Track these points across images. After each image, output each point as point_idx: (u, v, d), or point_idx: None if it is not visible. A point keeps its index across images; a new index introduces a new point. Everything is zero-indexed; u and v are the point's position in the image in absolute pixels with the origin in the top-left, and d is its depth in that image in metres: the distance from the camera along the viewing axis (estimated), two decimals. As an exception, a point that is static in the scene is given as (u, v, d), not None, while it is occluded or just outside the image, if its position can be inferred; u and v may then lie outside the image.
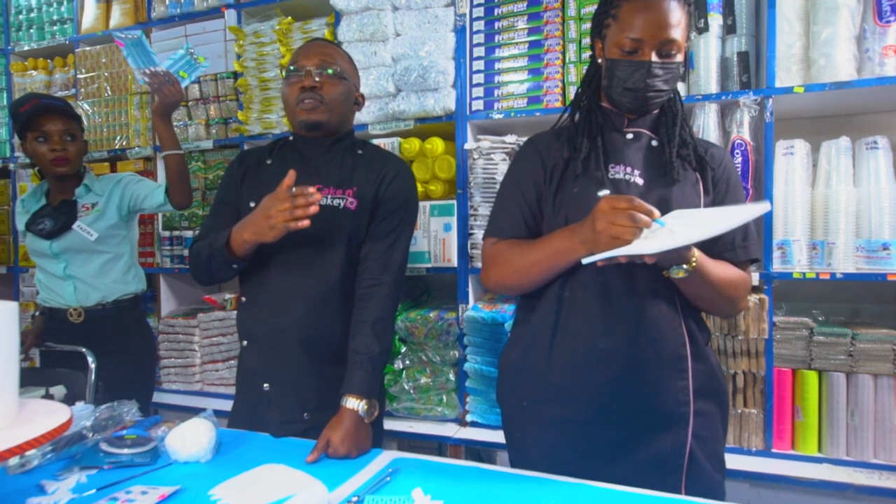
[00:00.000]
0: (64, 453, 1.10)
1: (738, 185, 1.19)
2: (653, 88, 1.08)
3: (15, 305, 0.86)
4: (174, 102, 1.82)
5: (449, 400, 1.97)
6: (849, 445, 1.61)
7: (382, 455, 1.17)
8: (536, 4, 1.91)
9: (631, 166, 1.14)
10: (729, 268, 1.12)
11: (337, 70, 1.35)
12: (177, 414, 2.22)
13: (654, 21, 1.05)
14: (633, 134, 1.16)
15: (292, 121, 1.37)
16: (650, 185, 1.12)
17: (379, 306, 1.29)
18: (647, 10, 1.05)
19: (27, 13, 2.85)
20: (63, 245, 1.84)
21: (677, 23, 1.05)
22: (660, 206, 1.02)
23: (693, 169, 1.15)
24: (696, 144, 1.17)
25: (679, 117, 1.16)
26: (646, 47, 1.06)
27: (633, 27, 1.06)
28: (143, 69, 1.82)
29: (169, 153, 1.84)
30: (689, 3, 1.11)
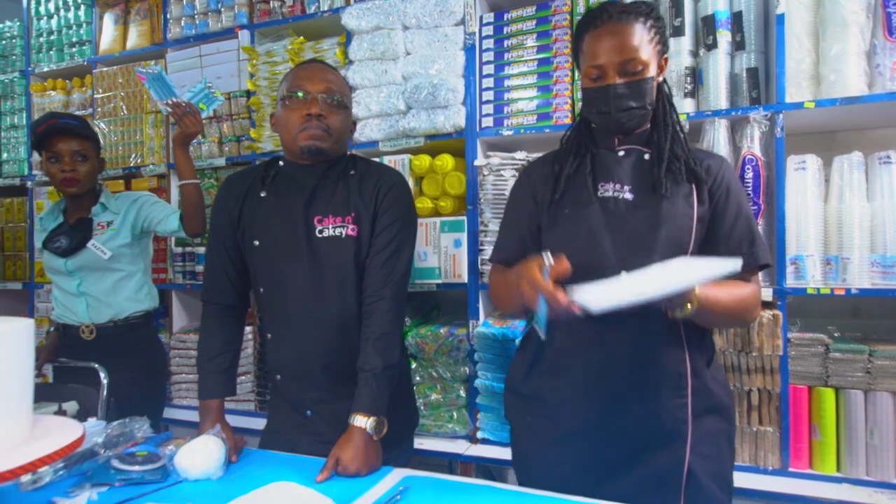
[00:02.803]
0: (75, 470, 1.11)
1: (738, 193, 1.17)
2: (621, 108, 1.11)
3: (31, 323, 0.87)
4: (194, 133, 1.89)
5: (459, 416, 1.96)
6: (868, 465, 1.57)
7: (393, 473, 1.16)
8: (545, 23, 1.93)
9: (621, 183, 1.16)
10: (736, 287, 1.11)
11: (341, 99, 1.34)
12: (187, 430, 2.22)
13: (611, 46, 1.10)
14: (624, 151, 1.18)
15: (289, 145, 1.33)
16: (640, 201, 1.13)
17: (380, 321, 1.27)
18: (604, 38, 1.11)
19: (47, 36, 2.93)
20: (77, 263, 1.86)
21: (637, 42, 1.09)
22: (649, 222, 1.11)
23: (686, 181, 1.15)
24: (690, 157, 1.16)
25: (670, 131, 1.16)
26: (608, 71, 1.11)
27: (594, 55, 1.12)
28: (166, 100, 1.89)
29: (186, 182, 1.88)
30: (653, 17, 1.12)
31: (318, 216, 1.32)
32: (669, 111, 1.18)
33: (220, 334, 1.39)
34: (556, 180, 1.20)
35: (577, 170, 1.19)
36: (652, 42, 1.12)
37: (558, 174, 1.20)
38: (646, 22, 1.11)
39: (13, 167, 3.02)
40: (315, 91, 1.30)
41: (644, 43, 1.10)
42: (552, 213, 1.19)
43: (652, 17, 1.12)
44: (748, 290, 1.13)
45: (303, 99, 1.30)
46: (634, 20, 1.10)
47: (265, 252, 1.35)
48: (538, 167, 1.28)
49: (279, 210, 1.34)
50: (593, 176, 1.17)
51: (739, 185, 1.19)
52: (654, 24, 1.12)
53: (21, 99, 2.99)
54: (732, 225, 1.13)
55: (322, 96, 1.30)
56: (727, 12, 1.74)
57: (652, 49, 1.12)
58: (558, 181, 1.19)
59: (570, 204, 1.17)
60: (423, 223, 1.98)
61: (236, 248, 1.39)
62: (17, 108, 3.01)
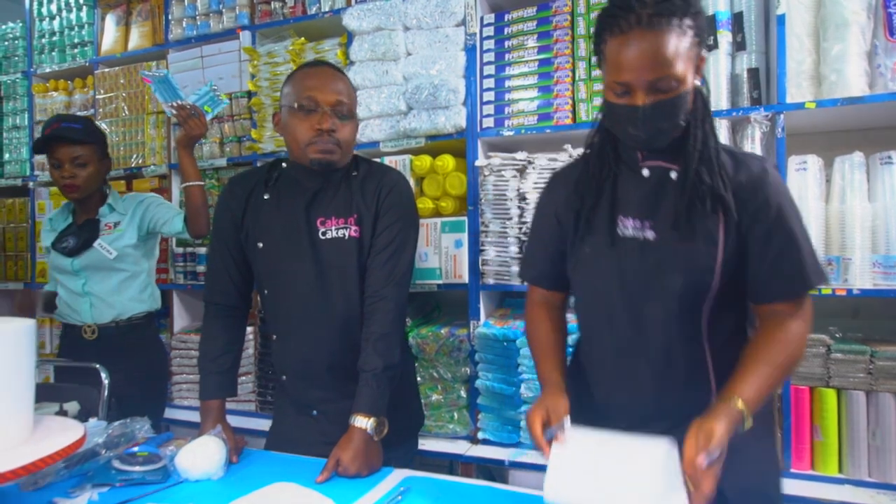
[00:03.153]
0: (76, 470, 1.11)
1: (780, 210, 0.98)
2: (651, 130, 0.97)
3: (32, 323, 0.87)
4: (198, 135, 1.89)
5: (460, 417, 1.95)
6: (871, 466, 1.57)
7: (393, 474, 1.16)
8: (546, 23, 1.93)
9: (641, 218, 1.03)
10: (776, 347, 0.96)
11: (351, 109, 1.33)
12: (188, 430, 2.22)
13: (639, 61, 0.92)
14: (649, 170, 1.04)
15: (297, 154, 1.31)
16: (661, 240, 1.02)
17: (381, 322, 1.27)
18: (631, 48, 0.92)
19: (49, 37, 2.93)
20: (83, 262, 1.87)
21: (671, 55, 0.91)
22: (669, 268, 1.00)
23: (712, 210, 0.99)
24: (720, 177, 0.99)
25: (699, 146, 1.00)
26: (636, 90, 0.94)
27: (618, 69, 0.95)
28: (171, 103, 1.90)
29: (190, 184, 1.89)
30: (691, 13, 0.93)
31: (320, 218, 1.32)
32: (703, 119, 1.01)
33: (221, 335, 1.39)
34: (577, 217, 1.10)
35: (597, 201, 1.08)
36: (689, 47, 0.94)
37: (578, 211, 1.09)
38: (682, 22, 0.92)
39: (15, 168, 3.02)
40: (326, 104, 1.28)
41: (680, 52, 0.92)
42: (573, 250, 1.11)
43: (690, 14, 0.93)
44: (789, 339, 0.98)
45: (314, 111, 1.28)
46: (668, 24, 0.91)
47: (269, 254, 1.35)
48: (561, 184, 1.17)
49: (282, 212, 1.34)
50: (614, 208, 1.06)
51: (783, 195, 1.00)
52: (692, 22, 0.93)
53: (23, 100, 3.00)
54: (776, 253, 0.98)
55: (332, 110, 1.28)
56: (728, 13, 1.74)
57: (689, 56, 0.94)
58: (579, 218, 1.09)
59: (591, 242, 1.08)
60: (423, 223, 1.98)
61: (239, 248, 1.39)
62: (20, 109, 3.01)
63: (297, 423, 1.39)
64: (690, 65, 0.96)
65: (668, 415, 1.03)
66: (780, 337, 0.98)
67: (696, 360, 1.03)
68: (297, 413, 1.39)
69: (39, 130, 2.91)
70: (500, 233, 1.91)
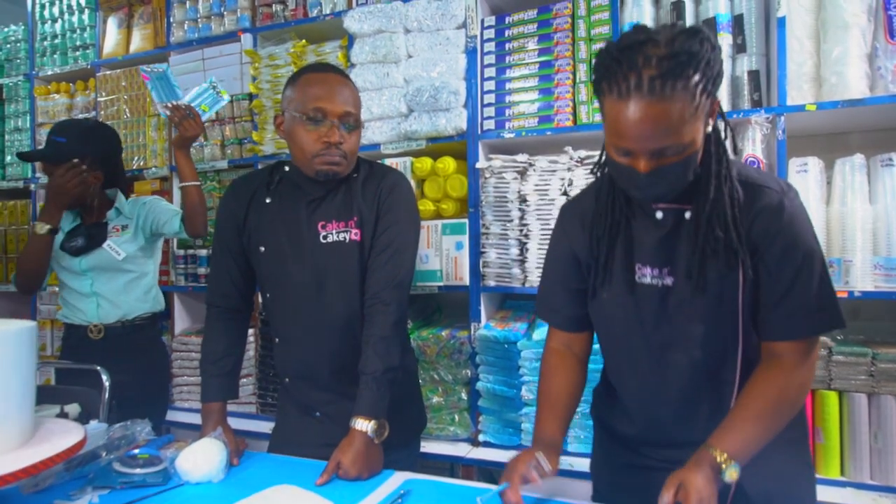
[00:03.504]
0: (77, 472, 1.11)
1: (794, 248, 0.91)
2: (658, 193, 0.91)
3: (33, 325, 0.87)
4: (193, 136, 1.89)
5: (461, 419, 1.95)
6: (873, 468, 1.57)
7: (394, 476, 1.16)
8: (547, 26, 1.93)
9: (659, 266, 0.98)
10: (771, 395, 0.91)
11: (358, 119, 1.32)
12: (189, 432, 2.22)
13: (640, 131, 0.83)
14: (663, 212, 0.97)
15: (302, 163, 1.30)
16: (681, 286, 0.96)
17: (381, 324, 1.26)
18: (631, 117, 0.82)
19: (51, 39, 2.94)
20: (91, 262, 1.88)
21: (677, 123, 0.82)
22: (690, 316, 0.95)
23: (725, 253, 0.93)
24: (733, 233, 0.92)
25: (712, 193, 0.92)
26: (639, 157, 0.86)
27: (618, 133, 0.85)
28: (166, 103, 1.89)
29: (187, 184, 1.89)
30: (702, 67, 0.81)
31: (321, 221, 1.32)
32: (718, 166, 0.92)
33: (223, 337, 1.39)
34: (594, 263, 1.05)
35: (612, 247, 1.03)
36: (701, 106, 0.83)
37: (596, 259, 1.04)
38: (690, 82, 0.80)
39: (16, 170, 3.03)
40: (334, 115, 1.26)
41: (688, 118, 0.82)
42: (592, 294, 1.07)
43: (701, 69, 0.81)
44: (786, 387, 0.91)
45: (321, 122, 1.26)
46: (673, 89, 0.80)
47: (271, 258, 1.35)
48: (574, 219, 1.10)
49: (284, 216, 1.34)
50: (630, 255, 1.00)
51: (799, 231, 0.92)
52: (702, 76, 0.81)
53: (25, 102, 3.01)
54: (783, 291, 0.92)
55: (340, 123, 1.27)
56: (728, 15, 1.74)
57: (699, 115, 0.84)
58: (595, 265, 1.05)
59: (608, 288, 1.03)
60: (424, 225, 1.98)
61: (241, 251, 1.39)
62: (21, 112, 3.02)
63: (299, 424, 1.39)
64: (701, 121, 0.86)
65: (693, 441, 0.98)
66: (777, 383, 0.92)
67: (723, 399, 0.98)
68: (299, 414, 1.40)
69: (41, 133, 2.93)
70: (501, 235, 1.91)
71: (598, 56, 0.88)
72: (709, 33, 0.84)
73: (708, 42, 0.82)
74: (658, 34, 0.83)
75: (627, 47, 0.82)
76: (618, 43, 0.85)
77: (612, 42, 0.87)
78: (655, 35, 0.83)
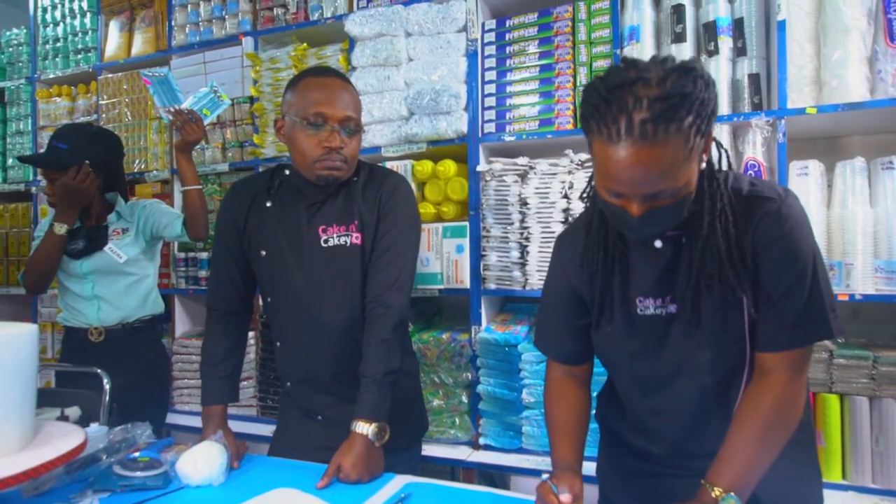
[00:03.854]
0: (77, 475, 1.11)
1: (788, 257, 0.88)
2: (651, 234, 0.89)
3: (35, 328, 0.87)
4: (195, 140, 1.91)
5: (462, 422, 1.95)
6: (874, 472, 1.56)
7: (395, 480, 1.16)
8: (547, 29, 1.94)
9: (662, 296, 0.96)
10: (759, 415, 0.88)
11: (358, 123, 1.31)
12: (189, 435, 2.22)
13: (630, 177, 0.79)
14: (661, 241, 0.94)
15: (302, 168, 1.29)
16: (685, 312, 0.94)
17: (382, 327, 1.26)
18: (621, 163, 0.78)
19: (53, 43, 2.95)
20: (92, 265, 1.88)
21: (670, 169, 0.78)
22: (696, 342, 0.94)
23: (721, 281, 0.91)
24: (728, 270, 0.89)
25: (706, 227, 0.88)
26: (631, 202, 0.83)
27: (608, 176, 0.82)
28: (168, 107, 1.90)
29: (189, 188, 1.91)
30: (695, 109, 0.77)
31: (322, 225, 1.32)
32: (713, 198, 0.89)
33: (223, 340, 1.39)
34: (592, 299, 1.03)
35: (609, 284, 1.00)
36: (695, 147, 0.79)
37: (593, 295, 1.02)
38: (684, 123, 0.76)
39: (18, 173, 3.04)
40: (335, 120, 1.26)
41: (682, 159, 0.78)
42: (594, 327, 1.05)
43: (694, 110, 0.77)
44: (776, 408, 0.88)
45: (322, 127, 1.26)
46: (665, 133, 0.76)
47: (272, 262, 1.35)
48: (571, 251, 1.06)
49: (284, 220, 1.34)
50: (629, 290, 0.98)
51: (799, 238, 0.88)
52: (696, 117, 0.77)
53: (27, 105, 3.02)
54: (777, 301, 0.89)
55: (341, 128, 1.27)
56: (728, 19, 1.74)
57: (693, 156, 0.80)
58: (593, 302, 1.03)
59: (610, 321, 1.01)
60: (425, 228, 1.98)
61: (241, 254, 1.39)
62: (23, 115, 3.03)
63: (300, 427, 1.39)
64: (695, 162, 0.82)
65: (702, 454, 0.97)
66: (769, 403, 0.89)
67: (731, 413, 0.95)
68: (301, 418, 1.39)
69: (43, 136, 2.93)
70: (502, 238, 1.91)
71: (585, 92, 0.84)
72: (702, 69, 0.80)
73: (701, 80, 0.78)
74: (649, 71, 0.78)
75: (617, 87, 0.78)
76: (606, 80, 0.80)
77: (599, 78, 0.82)
78: (646, 73, 0.78)
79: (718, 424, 0.96)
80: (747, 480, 0.87)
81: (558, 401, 1.10)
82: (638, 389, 1.04)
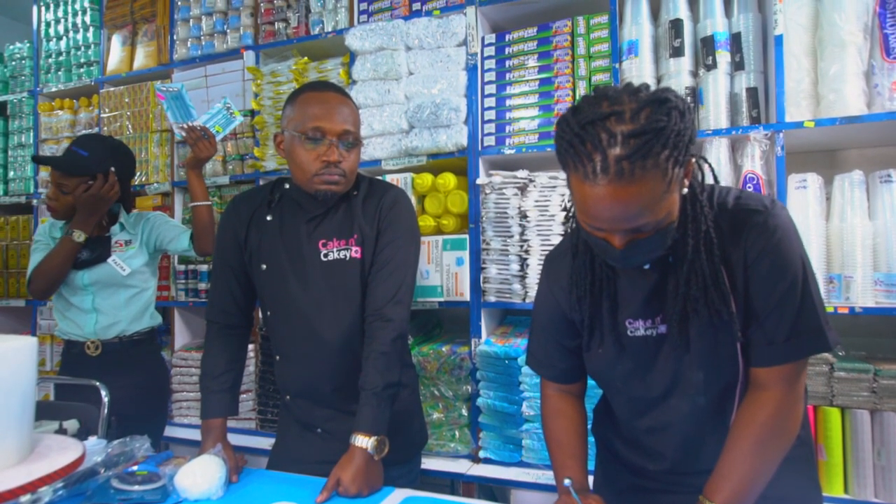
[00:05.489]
0: (75, 489, 1.10)
1: (778, 269, 0.87)
2: (635, 264, 0.88)
3: (34, 341, 0.87)
4: (206, 157, 1.93)
5: (461, 436, 1.94)
6: (877, 486, 1.55)
7: (394, 493, 1.15)
8: (546, 43, 1.95)
9: (651, 316, 0.95)
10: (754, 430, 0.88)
11: (357, 137, 1.31)
12: (188, 449, 2.21)
13: (609, 215, 0.78)
14: (649, 263, 0.92)
15: (302, 182, 1.30)
16: (675, 332, 0.93)
17: (381, 340, 1.26)
18: (598, 201, 0.78)
19: (56, 56, 2.98)
20: (94, 277, 1.87)
21: (649, 205, 0.77)
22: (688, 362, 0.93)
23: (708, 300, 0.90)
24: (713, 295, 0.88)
25: (689, 251, 0.88)
26: (611, 236, 0.83)
27: (587, 213, 0.81)
28: (181, 124, 1.91)
29: (198, 204, 1.92)
30: (671, 143, 0.76)
31: (321, 240, 1.32)
32: (696, 222, 0.87)
33: (223, 353, 1.39)
34: (582, 322, 1.02)
35: (597, 307, 1.00)
36: (674, 179, 0.78)
37: (582, 318, 1.02)
38: (660, 158, 0.75)
39: (19, 185, 3.05)
40: (334, 134, 1.26)
41: (661, 193, 0.77)
42: (585, 350, 1.05)
43: (670, 144, 0.75)
44: (766, 427, 0.88)
45: (320, 141, 1.26)
46: (643, 170, 0.74)
47: (272, 277, 1.35)
48: (559, 274, 1.06)
49: (284, 234, 1.35)
50: (618, 313, 0.98)
51: (787, 249, 0.88)
52: (672, 150, 0.76)
53: (29, 118, 3.03)
54: (770, 311, 0.89)
55: (339, 142, 1.27)
56: (726, 33, 1.76)
57: (674, 187, 0.80)
58: (583, 324, 1.02)
59: (601, 343, 1.01)
60: (425, 241, 1.99)
61: (242, 268, 1.40)
62: (25, 128, 3.04)
63: (300, 440, 1.38)
64: (676, 193, 0.81)
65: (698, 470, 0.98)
66: (763, 418, 0.89)
67: (726, 430, 0.94)
68: (300, 430, 1.39)
69: (44, 148, 2.95)
70: (502, 250, 1.91)
71: (558, 126, 0.82)
72: (676, 98, 0.78)
73: (676, 111, 0.76)
74: (622, 104, 0.77)
75: (589, 123, 0.76)
76: (578, 115, 0.78)
77: (571, 112, 0.80)
78: (618, 106, 0.76)
79: (714, 441, 0.96)
80: (744, 495, 0.87)
81: (557, 419, 1.10)
82: (632, 408, 1.04)
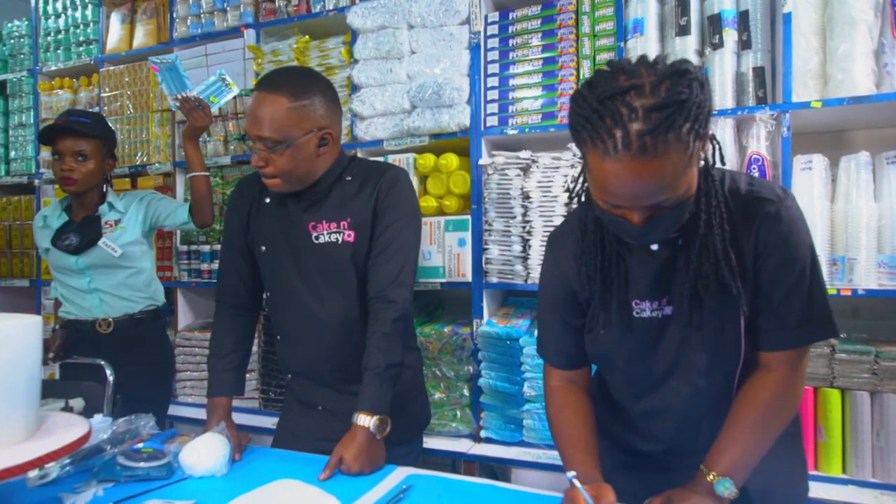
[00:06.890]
0: (82, 466, 1.12)
1: (788, 259, 0.89)
2: (652, 240, 0.88)
3: (39, 319, 0.88)
4: (202, 126, 1.92)
5: (463, 415, 1.96)
6: (875, 466, 1.57)
7: (396, 471, 1.16)
8: (551, 22, 1.92)
9: (658, 298, 0.95)
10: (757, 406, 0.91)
11: (280, 140, 1.23)
12: (192, 427, 2.24)
13: (629, 191, 0.78)
14: (658, 243, 0.92)
15: None
16: (680, 315, 0.94)
17: (383, 321, 1.26)
18: (618, 178, 0.76)
19: (55, 35, 2.94)
20: (88, 261, 1.88)
21: (672, 176, 0.76)
22: (693, 345, 0.94)
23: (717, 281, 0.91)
24: (724, 269, 0.88)
25: (702, 228, 0.87)
26: (630, 212, 0.82)
27: (606, 190, 0.80)
28: (176, 94, 1.91)
29: (195, 174, 1.92)
30: (692, 115, 0.75)
31: (312, 222, 1.33)
32: (708, 196, 0.87)
33: (231, 333, 1.40)
34: (588, 300, 1.02)
35: (606, 285, 0.99)
36: (694, 153, 0.78)
37: (589, 297, 1.01)
38: (682, 131, 0.74)
39: (21, 165, 3.04)
40: (253, 139, 1.26)
41: (683, 167, 0.76)
42: (587, 330, 1.04)
43: (692, 116, 0.74)
44: (769, 404, 0.91)
45: (254, 145, 1.26)
46: (664, 144, 0.73)
47: (270, 257, 1.37)
48: (564, 252, 1.05)
49: (281, 216, 1.36)
50: (626, 292, 0.97)
51: (797, 241, 0.89)
52: (693, 122, 0.75)
53: (29, 97, 3.01)
54: (778, 303, 0.90)
55: (256, 147, 1.25)
56: (734, 11, 1.73)
57: (694, 161, 0.79)
58: (589, 302, 1.02)
59: (606, 324, 1.00)
60: (427, 222, 1.98)
61: (248, 249, 1.41)
62: (25, 107, 3.02)
63: (302, 419, 1.40)
64: (695, 167, 0.81)
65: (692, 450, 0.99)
66: (767, 396, 0.92)
67: (723, 413, 0.96)
68: (302, 409, 1.41)
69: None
70: (504, 231, 1.91)
71: (573, 101, 0.79)
72: (696, 70, 0.77)
73: (696, 82, 0.75)
74: (640, 77, 0.75)
75: (608, 97, 0.74)
76: (595, 89, 0.76)
77: (587, 86, 0.78)
78: (637, 79, 0.75)
79: (708, 427, 0.97)
80: (742, 467, 0.90)
81: (564, 411, 1.07)
82: (631, 390, 1.04)
